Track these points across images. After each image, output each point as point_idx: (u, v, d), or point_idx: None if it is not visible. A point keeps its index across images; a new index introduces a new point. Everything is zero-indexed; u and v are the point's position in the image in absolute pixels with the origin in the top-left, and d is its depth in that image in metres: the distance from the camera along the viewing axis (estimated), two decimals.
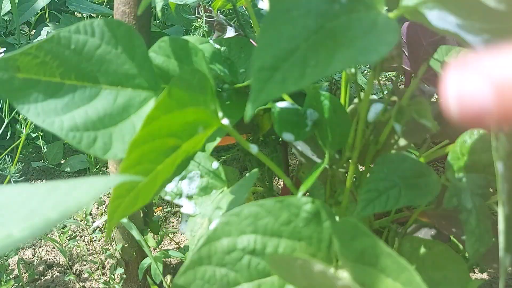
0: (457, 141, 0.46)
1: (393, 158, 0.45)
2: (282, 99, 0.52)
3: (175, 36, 0.49)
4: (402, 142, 0.50)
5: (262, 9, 0.75)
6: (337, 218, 0.38)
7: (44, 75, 0.38)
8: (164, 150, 0.35)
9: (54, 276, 0.90)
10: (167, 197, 0.58)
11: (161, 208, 1.08)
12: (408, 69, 0.76)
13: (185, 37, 0.63)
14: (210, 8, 0.81)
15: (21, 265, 0.91)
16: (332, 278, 0.31)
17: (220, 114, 0.38)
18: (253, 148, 0.42)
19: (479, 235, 0.42)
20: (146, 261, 0.74)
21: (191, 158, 0.41)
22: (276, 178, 1.14)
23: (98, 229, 1.02)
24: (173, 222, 1.06)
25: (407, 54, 0.75)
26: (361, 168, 0.55)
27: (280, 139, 0.79)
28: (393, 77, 1.87)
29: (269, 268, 0.36)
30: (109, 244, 0.98)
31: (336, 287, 0.31)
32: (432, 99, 0.57)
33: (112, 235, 0.80)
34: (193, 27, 0.89)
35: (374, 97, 0.55)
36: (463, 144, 0.46)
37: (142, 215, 0.78)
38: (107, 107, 0.40)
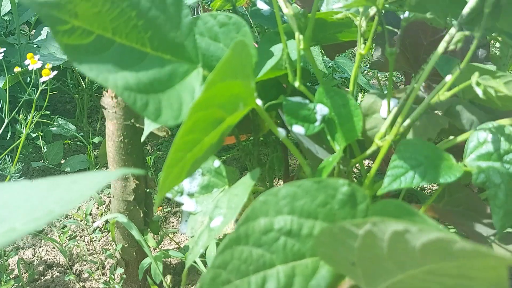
0: (475, 130, 0.47)
1: (415, 142, 0.45)
2: (296, 94, 0.52)
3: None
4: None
5: (261, 9, 0.75)
6: None
7: (97, 28, 0.38)
8: (212, 121, 0.35)
9: (54, 276, 0.90)
10: (168, 195, 0.58)
11: (161, 208, 1.08)
12: (408, 69, 0.76)
13: None
14: (210, 8, 0.81)
15: (21, 265, 0.91)
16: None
17: (255, 93, 0.38)
18: (282, 132, 0.44)
19: (507, 210, 0.43)
20: (146, 261, 0.74)
21: (221, 142, 0.41)
22: (276, 178, 1.14)
23: (98, 229, 1.02)
24: (173, 222, 1.06)
25: (407, 54, 0.75)
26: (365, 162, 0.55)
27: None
28: (393, 77, 1.88)
29: (303, 250, 0.36)
30: (109, 244, 0.98)
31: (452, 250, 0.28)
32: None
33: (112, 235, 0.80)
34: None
35: (374, 91, 0.56)
36: (482, 133, 0.46)
37: (142, 215, 0.78)
38: (155, 72, 0.41)
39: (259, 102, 0.39)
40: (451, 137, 0.50)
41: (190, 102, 0.42)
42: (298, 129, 0.46)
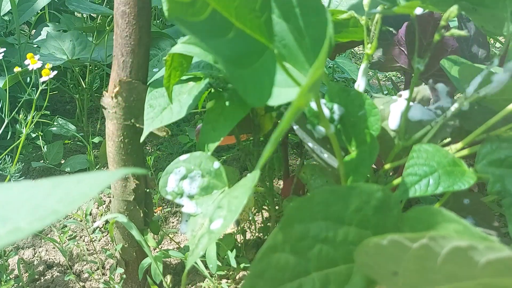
0: (488, 136, 0.46)
1: (428, 148, 0.45)
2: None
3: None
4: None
5: None
6: None
7: None
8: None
9: (54, 276, 0.90)
10: (168, 197, 0.58)
11: (161, 208, 1.08)
12: (408, 69, 0.76)
13: (186, 37, 0.63)
14: None
15: (21, 265, 0.91)
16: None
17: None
18: (331, 129, 0.44)
19: None
20: (146, 261, 0.74)
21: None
22: (276, 178, 1.14)
23: (98, 229, 1.02)
24: (173, 222, 1.06)
25: (407, 54, 0.75)
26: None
27: (281, 138, 0.79)
28: (393, 77, 1.88)
29: (337, 257, 0.36)
30: (109, 244, 0.98)
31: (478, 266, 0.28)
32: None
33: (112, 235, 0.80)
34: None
35: (376, 94, 0.55)
36: (495, 139, 0.46)
37: (142, 215, 0.78)
38: (240, 46, 0.40)
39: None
40: (457, 144, 0.49)
41: (268, 84, 0.41)
42: (320, 129, 0.46)
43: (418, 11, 0.51)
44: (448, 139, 0.51)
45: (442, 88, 0.55)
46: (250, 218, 0.89)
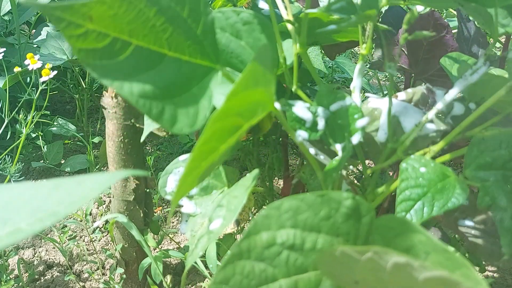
0: (473, 139, 0.46)
1: (414, 163, 0.44)
2: (296, 96, 0.51)
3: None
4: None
5: (262, 9, 0.75)
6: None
7: (114, 31, 0.36)
8: (229, 129, 0.34)
9: (54, 276, 0.90)
10: (168, 197, 0.58)
11: (161, 208, 1.08)
12: (408, 69, 0.76)
13: None
14: (211, 8, 0.81)
15: (21, 265, 0.91)
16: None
17: (274, 97, 0.38)
18: (299, 136, 0.44)
19: None
20: (146, 261, 0.74)
21: (235, 146, 0.40)
22: (276, 178, 1.14)
23: (98, 229, 1.02)
24: (173, 222, 1.06)
25: (407, 54, 0.75)
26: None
27: (280, 139, 0.79)
28: (393, 77, 1.87)
29: (306, 264, 0.36)
30: (109, 244, 0.98)
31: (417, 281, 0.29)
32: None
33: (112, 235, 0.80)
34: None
35: (370, 94, 0.55)
36: (481, 141, 0.45)
37: (142, 215, 0.78)
38: (171, 75, 0.39)
39: (277, 105, 0.39)
40: (436, 146, 0.49)
41: (207, 107, 0.41)
42: (302, 133, 0.46)
43: (419, 9, 0.51)
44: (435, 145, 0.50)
45: (440, 91, 0.55)
46: (250, 218, 0.89)
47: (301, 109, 0.47)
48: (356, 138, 0.46)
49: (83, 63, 0.35)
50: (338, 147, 0.47)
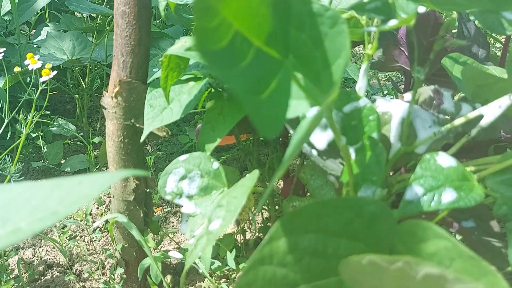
0: (508, 152, 0.45)
1: (437, 156, 0.44)
2: None
3: None
4: (421, 149, 0.50)
5: None
6: None
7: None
8: None
9: (54, 276, 0.90)
10: (168, 197, 0.58)
11: (161, 208, 1.08)
12: (408, 69, 0.76)
13: (185, 38, 0.63)
14: None
15: (21, 265, 0.91)
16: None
17: None
18: (342, 141, 0.43)
19: None
20: (146, 261, 0.74)
21: None
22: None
23: (98, 229, 1.02)
24: (173, 222, 1.06)
25: (407, 54, 0.75)
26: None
27: (280, 139, 0.79)
28: (393, 77, 1.88)
29: (327, 270, 0.36)
30: (109, 244, 0.98)
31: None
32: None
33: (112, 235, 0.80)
34: (193, 27, 0.89)
35: (377, 96, 0.55)
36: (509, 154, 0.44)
37: (142, 215, 0.78)
38: (257, 70, 0.37)
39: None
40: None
41: (284, 108, 0.38)
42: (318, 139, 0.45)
43: (421, 9, 0.51)
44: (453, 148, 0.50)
45: (447, 92, 0.55)
46: (250, 218, 0.89)
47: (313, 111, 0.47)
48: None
49: (199, 49, 0.33)
50: (351, 149, 0.46)
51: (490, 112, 0.46)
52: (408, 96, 0.55)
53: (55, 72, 0.97)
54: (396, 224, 0.37)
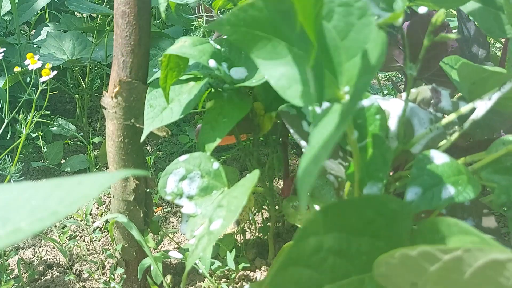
0: (495, 141, 0.45)
1: (430, 154, 0.44)
2: None
3: None
4: (417, 149, 0.50)
5: None
6: None
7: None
8: None
9: (54, 276, 0.90)
10: (168, 198, 0.58)
11: (161, 208, 1.08)
12: None
13: (185, 38, 0.63)
14: (211, 8, 0.81)
15: (21, 265, 0.91)
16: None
17: None
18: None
19: None
20: (146, 261, 0.74)
21: None
22: (276, 178, 1.14)
23: (98, 229, 1.02)
24: (173, 222, 1.06)
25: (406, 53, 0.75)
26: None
27: (280, 139, 0.79)
28: (393, 77, 1.88)
29: (350, 268, 0.36)
30: (109, 244, 0.98)
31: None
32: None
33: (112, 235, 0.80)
34: (193, 27, 0.89)
35: (377, 96, 0.55)
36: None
37: (142, 215, 0.78)
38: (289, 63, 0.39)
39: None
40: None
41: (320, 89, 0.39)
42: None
43: (422, 10, 0.51)
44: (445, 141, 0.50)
45: (445, 91, 0.55)
46: (250, 218, 0.89)
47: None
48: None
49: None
50: None
51: (482, 105, 0.47)
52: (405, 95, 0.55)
53: (55, 72, 0.97)
54: (422, 220, 0.37)
